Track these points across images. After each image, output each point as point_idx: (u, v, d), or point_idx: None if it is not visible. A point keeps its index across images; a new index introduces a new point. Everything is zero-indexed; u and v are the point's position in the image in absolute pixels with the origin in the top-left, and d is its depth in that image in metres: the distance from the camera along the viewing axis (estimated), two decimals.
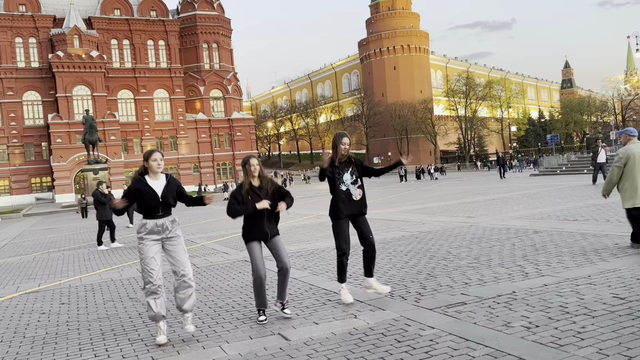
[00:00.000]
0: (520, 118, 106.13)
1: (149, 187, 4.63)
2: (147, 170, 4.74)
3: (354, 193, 5.33)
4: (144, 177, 4.70)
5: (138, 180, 4.68)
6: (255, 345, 4.32)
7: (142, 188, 4.63)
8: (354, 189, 5.34)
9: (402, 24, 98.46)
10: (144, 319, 5.52)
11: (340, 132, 5.46)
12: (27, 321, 5.88)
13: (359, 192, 5.39)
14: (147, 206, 4.61)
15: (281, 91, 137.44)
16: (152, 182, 4.68)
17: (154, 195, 4.62)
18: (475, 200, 17.48)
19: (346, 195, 5.31)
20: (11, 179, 63.53)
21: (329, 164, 5.30)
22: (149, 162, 4.69)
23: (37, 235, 19.52)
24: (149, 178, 4.70)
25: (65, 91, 62.37)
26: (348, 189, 5.32)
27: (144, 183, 4.64)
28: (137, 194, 4.64)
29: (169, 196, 4.69)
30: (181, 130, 71.10)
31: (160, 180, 4.73)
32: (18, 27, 63.68)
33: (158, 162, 4.70)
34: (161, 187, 4.69)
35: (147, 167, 4.71)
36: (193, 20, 72.63)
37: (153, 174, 4.72)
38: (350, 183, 5.33)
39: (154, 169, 4.69)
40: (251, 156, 5.05)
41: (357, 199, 5.35)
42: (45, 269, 10.08)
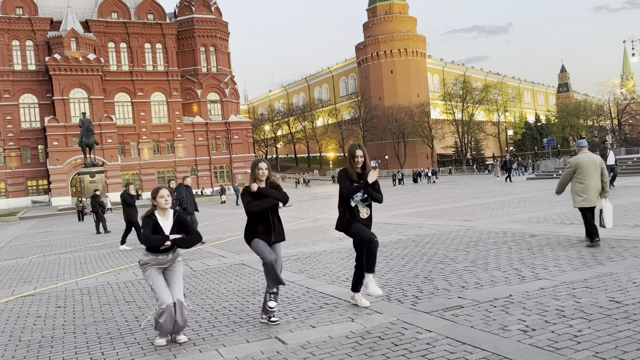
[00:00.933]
0: (516, 122, 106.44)
1: (160, 229, 4.67)
2: (155, 207, 4.76)
3: (361, 211, 5.16)
4: (154, 215, 4.72)
5: (149, 218, 4.70)
6: (252, 348, 4.31)
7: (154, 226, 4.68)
8: (361, 206, 5.16)
9: (399, 28, 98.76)
10: (140, 323, 5.50)
11: (354, 143, 5.28)
12: (23, 325, 5.86)
13: (366, 211, 5.20)
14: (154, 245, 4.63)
15: (278, 94, 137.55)
16: (162, 222, 4.71)
17: (162, 233, 4.67)
18: (471, 204, 17.50)
19: (350, 212, 5.14)
20: (7, 182, 63.32)
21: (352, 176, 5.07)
22: (157, 199, 4.72)
23: (34, 238, 19.45)
24: (159, 216, 4.73)
25: (62, 94, 62.26)
26: (356, 206, 5.15)
27: (155, 222, 4.68)
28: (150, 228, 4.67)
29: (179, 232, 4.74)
30: (178, 134, 71.03)
31: (169, 220, 4.76)
32: (15, 30, 63.59)
33: (165, 199, 4.72)
34: (169, 226, 4.72)
35: (156, 205, 4.74)
36: (190, 23, 72.66)
37: (162, 210, 4.74)
38: (359, 200, 5.15)
39: (162, 205, 4.72)
40: (261, 159, 5.03)
41: (363, 217, 5.16)
42: (41, 272, 10.05)
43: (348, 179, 5.09)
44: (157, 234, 4.63)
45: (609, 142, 21.44)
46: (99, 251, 13.01)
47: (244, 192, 4.99)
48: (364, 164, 5.10)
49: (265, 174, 4.92)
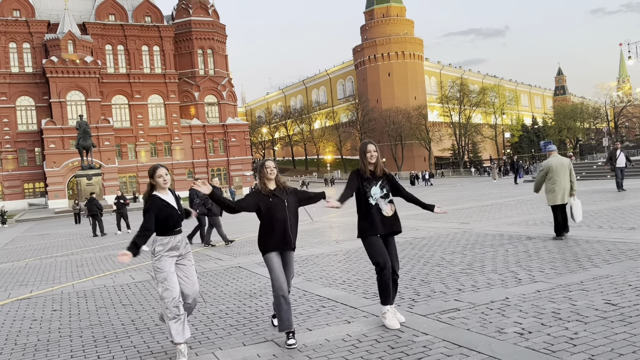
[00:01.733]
0: (513, 124, 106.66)
1: (166, 202, 4.40)
2: (154, 187, 4.50)
3: (384, 208, 4.72)
4: (156, 194, 4.45)
5: (152, 198, 4.42)
6: (249, 351, 4.31)
7: (160, 204, 4.38)
8: (383, 203, 4.73)
9: (397, 31, 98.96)
10: (137, 326, 5.49)
11: (365, 140, 4.96)
12: (19, 328, 5.84)
13: (390, 208, 4.76)
14: (167, 222, 4.35)
15: (276, 97, 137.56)
16: (166, 198, 4.45)
17: (173, 209, 4.40)
18: (468, 207, 17.52)
19: (376, 211, 4.70)
20: (4, 184, 63.16)
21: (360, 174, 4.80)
22: (155, 178, 4.45)
23: (30, 241, 19.39)
24: (160, 194, 4.45)
25: (59, 96, 62.17)
26: (377, 204, 4.72)
27: (160, 199, 4.40)
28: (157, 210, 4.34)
29: (182, 210, 4.52)
30: (175, 136, 70.97)
31: (170, 195, 4.51)
32: (12, 32, 63.51)
33: (164, 178, 4.45)
34: (173, 201, 4.49)
35: (154, 184, 4.47)
36: (188, 26, 72.68)
37: (162, 189, 4.48)
38: (379, 197, 4.74)
39: (161, 184, 4.45)
40: (268, 159, 4.87)
41: (388, 215, 4.72)
42: (38, 275, 10.02)
43: (358, 179, 4.78)
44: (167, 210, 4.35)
45: (619, 143, 21.23)
46: (95, 254, 12.98)
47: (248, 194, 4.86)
48: (377, 162, 4.83)
49: (274, 172, 4.61)
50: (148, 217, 4.31)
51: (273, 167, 4.62)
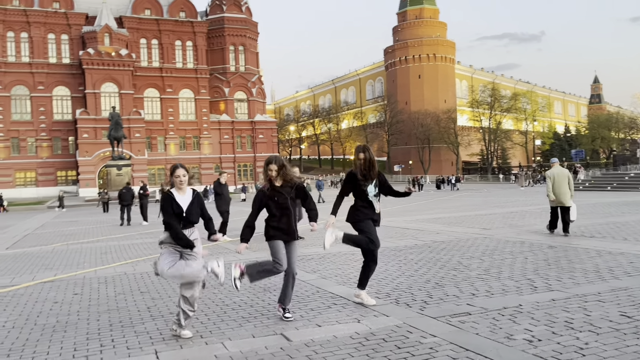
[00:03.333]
0: (545, 132, 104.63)
1: (176, 203, 4.65)
2: (172, 185, 4.77)
3: (376, 206, 5.44)
4: (171, 191, 4.71)
5: (167, 196, 4.69)
6: (257, 343, 4.37)
7: (170, 203, 4.65)
8: (375, 201, 5.43)
9: (429, 33, 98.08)
10: (152, 313, 5.62)
11: (360, 145, 5.58)
12: (40, 309, 6.03)
13: (380, 206, 5.50)
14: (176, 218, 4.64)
15: (305, 95, 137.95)
16: (179, 197, 4.69)
17: (178, 211, 4.64)
18: (492, 213, 17.30)
19: (370, 206, 5.41)
20: (38, 171, 64.91)
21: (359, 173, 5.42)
22: (173, 177, 4.73)
23: (59, 227, 19.93)
24: (176, 192, 4.71)
25: (93, 87, 63.59)
26: (371, 201, 5.41)
27: (172, 199, 4.66)
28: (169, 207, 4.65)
29: (192, 213, 4.69)
30: (204, 131, 71.82)
31: (187, 196, 4.73)
32: (51, 24, 65.20)
33: (181, 179, 4.69)
34: (187, 202, 4.69)
35: (172, 182, 4.75)
36: (221, 22, 73.46)
37: (178, 188, 4.74)
38: (373, 195, 5.42)
39: (177, 184, 4.72)
40: (275, 158, 5.04)
41: (378, 211, 5.45)
42: (63, 260, 10.30)
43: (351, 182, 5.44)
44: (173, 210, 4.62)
45: None
46: (119, 242, 13.28)
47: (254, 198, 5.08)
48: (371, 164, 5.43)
49: (275, 174, 4.96)
50: (164, 214, 4.68)
51: (274, 171, 4.95)
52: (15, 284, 7.70)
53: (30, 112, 64.72)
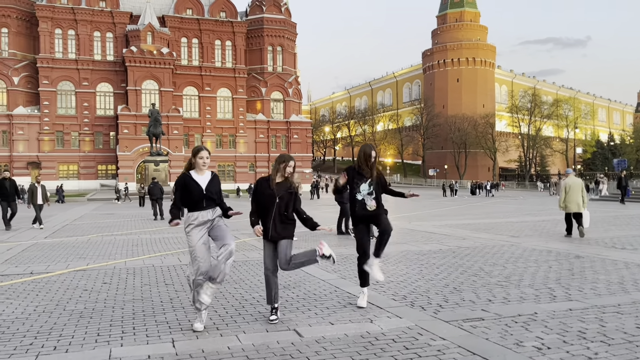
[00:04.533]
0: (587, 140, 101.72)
1: (194, 181, 4.79)
2: (192, 166, 4.90)
3: (368, 203, 5.46)
4: (189, 172, 4.87)
5: (183, 175, 4.85)
6: (269, 337, 4.51)
7: (187, 182, 4.80)
8: (369, 199, 5.47)
9: (469, 37, 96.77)
10: (174, 304, 5.83)
11: (365, 144, 5.67)
12: (70, 296, 6.33)
13: (373, 204, 5.48)
14: (192, 199, 4.78)
15: (341, 97, 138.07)
16: (197, 177, 4.84)
17: (198, 189, 4.77)
18: (524, 220, 17.01)
19: (360, 205, 5.47)
20: (80, 164, 67.12)
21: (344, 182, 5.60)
22: (196, 158, 4.85)
23: (96, 219, 20.62)
24: (194, 173, 4.86)
25: (135, 84, 65.34)
26: (363, 199, 5.47)
27: (189, 177, 4.81)
28: (182, 187, 4.82)
29: (212, 191, 4.84)
30: (240, 129, 72.79)
31: (205, 176, 4.89)
32: (97, 22, 67.34)
33: (204, 160, 4.85)
34: (205, 181, 4.84)
35: (193, 163, 4.86)
36: (260, 22, 74.32)
37: (199, 169, 4.87)
38: (366, 193, 5.48)
39: (200, 166, 4.85)
40: (292, 158, 5.20)
41: (371, 209, 5.46)
42: (96, 250, 10.71)
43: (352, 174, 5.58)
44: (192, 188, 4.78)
45: None
46: (151, 236, 13.68)
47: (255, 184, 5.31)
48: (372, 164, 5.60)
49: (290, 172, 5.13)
50: (174, 193, 4.95)
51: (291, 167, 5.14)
52: (49, 271, 8.08)
53: (75, 107, 67.00)
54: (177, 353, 4.15)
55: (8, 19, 65.35)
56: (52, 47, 65.82)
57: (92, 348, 4.29)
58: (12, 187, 15.31)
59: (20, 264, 8.92)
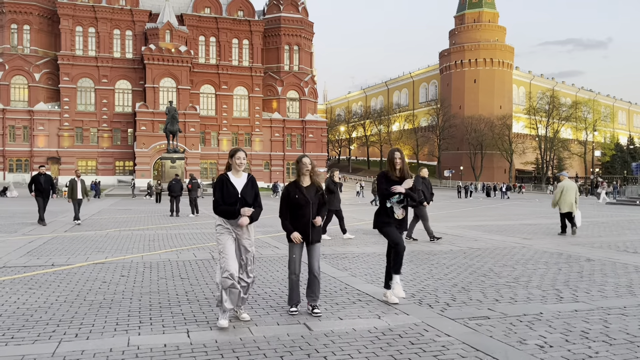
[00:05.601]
0: (606, 143, 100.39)
1: (230, 183, 4.91)
2: (230, 167, 5.05)
3: (396, 212, 5.50)
4: (227, 173, 5.00)
5: (221, 176, 4.99)
6: (280, 330, 4.68)
7: (225, 183, 4.91)
8: (397, 207, 5.50)
9: (487, 37, 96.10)
10: (189, 297, 6.04)
11: (392, 148, 5.77)
12: (90, 287, 6.58)
13: (401, 212, 5.53)
14: (227, 202, 4.85)
15: (357, 96, 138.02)
16: (234, 179, 4.95)
17: (234, 191, 4.88)
18: (537, 223, 16.99)
19: (389, 212, 5.51)
20: (98, 160, 68.14)
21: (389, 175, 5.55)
22: (233, 159, 5.00)
23: (114, 214, 21.01)
24: (232, 175, 4.99)
25: (153, 82, 66.13)
26: (392, 207, 5.50)
27: (227, 179, 4.93)
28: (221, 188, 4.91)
29: (247, 194, 4.93)
30: (256, 128, 73.26)
31: (242, 178, 5.01)
32: (117, 20, 68.28)
33: (241, 161, 4.98)
34: (242, 184, 4.96)
35: (231, 164, 5.02)
36: (277, 22, 74.69)
37: (235, 171, 5.00)
38: (395, 201, 5.50)
39: (237, 167, 4.98)
40: (305, 155, 5.41)
41: (398, 217, 5.52)
42: (114, 244, 11.00)
43: (386, 181, 5.53)
44: (229, 190, 4.88)
45: None
46: (167, 231, 13.95)
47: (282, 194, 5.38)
48: (402, 167, 5.56)
49: (309, 169, 5.29)
50: (215, 193, 4.96)
51: (308, 164, 5.28)
52: (70, 264, 8.35)
53: (94, 104, 68.00)
54: (192, 342, 4.34)
55: (30, 16, 66.55)
56: (73, 44, 66.88)
57: (111, 336, 4.51)
58: (47, 182, 15.37)
59: (41, 256, 9.22)
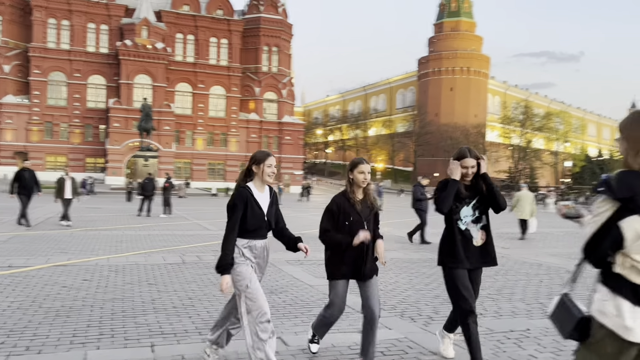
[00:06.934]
0: (577, 154, 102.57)
1: (256, 201, 3.56)
2: (249, 175, 3.66)
3: (475, 236, 3.80)
4: (249, 186, 3.61)
5: (243, 189, 3.57)
6: None
7: (249, 200, 3.54)
8: (474, 229, 3.80)
9: (464, 46, 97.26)
10: (155, 305, 5.62)
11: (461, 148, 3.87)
12: (48, 292, 6.10)
13: (481, 235, 3.83)
14: (249, 222, 3.52)
15: (335, 100, 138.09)
16: (258, 195, 3.59)
17: (259, 212, 3.57)
18: (514, 232, 16.95)
19: (463, 237, 3.80)
20: (68, 156, 66.35)
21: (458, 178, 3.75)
22: (262, 166, 3.59)
23: (81, 213, 20.25)
24: (254, 188, 3.60)
25: (127, 78, 64.78)
26: (468, 229, 3.80)
27: (251, 194, 3.56)
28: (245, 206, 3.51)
29: (271, 215, 3.67)
30: (232, 128, 72.43)
31: (265, 193, 3.65)
32: (92, 13, 66.72)
33: (273, 169, 3.60)
34: (266, 202, 3.63)
35: (256, 172, 3.62)
36: (257, 22, 74.10)
37: (261, 183, 3.63)
38: (470, 221, 3.80)
39: (266, 177, 3.60)
40: (364, 159, 3.85)
41: (477, 244, 3.83)
42: (79, 245, 10.45)
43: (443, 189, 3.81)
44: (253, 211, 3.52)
45: None
46: (136, 232, 13.42)
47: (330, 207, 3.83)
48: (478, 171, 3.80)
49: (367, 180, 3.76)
50: (234, 212, 3.50)
51: (367, 173, 3.75)
52: (28, 265, 7.82)
53: (66, 98, 66.27)
54: (156, 358, 3.96)
55: (1, 6, 64.54)
56: (45, 36, 65.10)
57: (66, 350, 4.09)
58: (31, 178, 14.07)
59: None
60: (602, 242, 2.03)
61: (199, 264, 8.44)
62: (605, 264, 2.10)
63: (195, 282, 6.99)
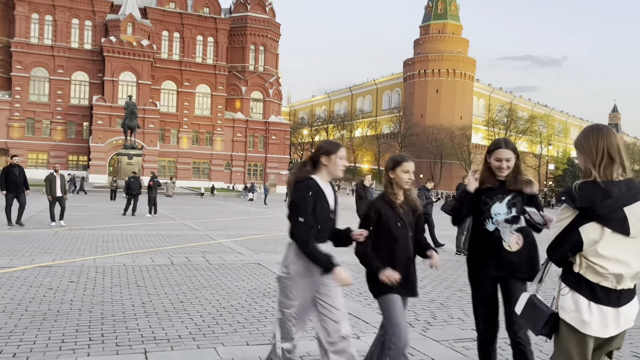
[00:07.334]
0: (559, 157, 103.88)
1: (325, 196, 3.05)
2: (314, 166, 3.12)
3: (506, 239, 3.14)
4: (315, 178, 3.06)
5: (309, 180, 3.02)
6: (250, 352, 4.19)
7: (319, 194, 3.02)
8: (507, 231, 3.15)
9: (450, 49, 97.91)
10: (146, 309, 5.46)
11: (497, 139, 3.33)
12: (33, 295, 5.89)
13: (516, 239, 3.14)
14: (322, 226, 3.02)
15: (321, 100, 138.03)
16: (326, 189, 3.08)
17: (328, 209, 3.06)
18: None
19: (491, 240, 3.17)
20: (50, 153, 65.32)
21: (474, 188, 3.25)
22: (333, 158, 3.08)
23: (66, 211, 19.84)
24: (320, 181, 3.07)
25: (112, 75, 63.98)
26: (497, 230, 3.16)
27: (319, 188, 3.03)
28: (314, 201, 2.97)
29: (336, 214, 3.19)
30: (218, 127, 71.95)
31: (329, 189, 3.13)
32: (76, 9, 65.78)
33: (344, 162, 3.11)
34: (332, 198, 3.13)
35: (325, 165, 3.09)
36: (244, 21, 73.72)
37: (327, 177, 3.12)
38: (503, 220, 3.16)
39: (337, 170, 3.10)
40: (406, 156, 3.30)
41: (510, 249, 3.14)
42: (63, 245, 10.19)
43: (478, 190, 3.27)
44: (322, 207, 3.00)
45: None
46: (122, 232, 13.17)
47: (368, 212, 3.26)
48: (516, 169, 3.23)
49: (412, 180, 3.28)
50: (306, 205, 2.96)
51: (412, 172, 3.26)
52: (12, 266, 7.58)
53: (48, 95, 65.22)
54: None
55: None
56: (28, 31, 64.01)
57: (55, 357, 3.91)
58: (21, 175, 13.55)
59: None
60: (564, 245, 2.29)
61: (187, 266, 8.26)
62: (567, 264, 2.35)
63: (185, 284, 6.82)
